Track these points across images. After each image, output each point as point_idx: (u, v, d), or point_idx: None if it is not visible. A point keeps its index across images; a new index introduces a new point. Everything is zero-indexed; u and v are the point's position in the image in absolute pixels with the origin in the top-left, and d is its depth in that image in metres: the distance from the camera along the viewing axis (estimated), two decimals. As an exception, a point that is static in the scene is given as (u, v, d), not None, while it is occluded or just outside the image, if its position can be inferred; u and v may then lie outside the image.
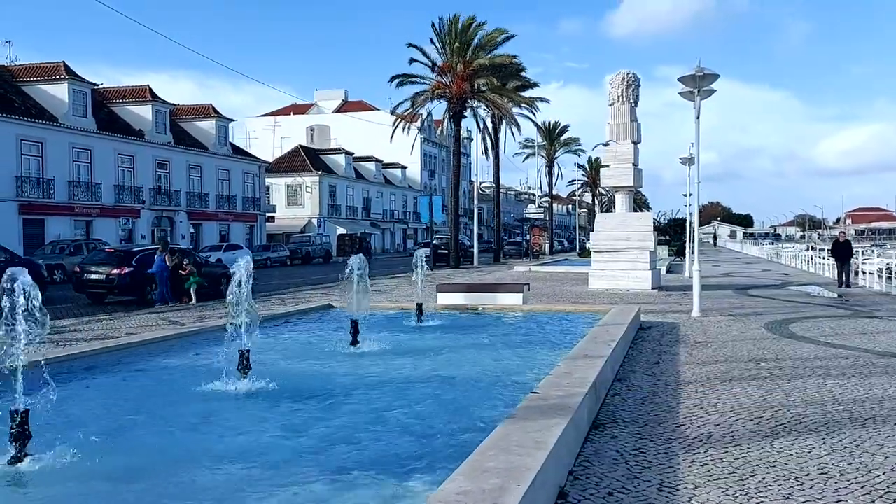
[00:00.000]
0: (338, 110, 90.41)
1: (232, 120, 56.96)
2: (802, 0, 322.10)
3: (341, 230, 68.00)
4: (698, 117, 15.46)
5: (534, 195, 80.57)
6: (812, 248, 38.78)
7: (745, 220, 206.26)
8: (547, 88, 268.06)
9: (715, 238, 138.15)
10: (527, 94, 50.57)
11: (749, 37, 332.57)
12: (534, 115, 54.44)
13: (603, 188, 65.58)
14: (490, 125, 50.76)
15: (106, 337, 12.69)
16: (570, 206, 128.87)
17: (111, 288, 20.04)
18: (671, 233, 62.29)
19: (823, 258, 31.35)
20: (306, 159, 70.82)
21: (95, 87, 44.85)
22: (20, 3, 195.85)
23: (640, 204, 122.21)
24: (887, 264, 24.13)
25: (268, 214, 62.00)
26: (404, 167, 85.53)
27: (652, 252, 22.84)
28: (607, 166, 23.32)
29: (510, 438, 4.97)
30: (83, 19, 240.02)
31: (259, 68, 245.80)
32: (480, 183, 60.51)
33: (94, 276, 20.19)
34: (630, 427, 6.79)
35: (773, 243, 76.58)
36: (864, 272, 25.06)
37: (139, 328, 14.34)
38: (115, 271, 19.88)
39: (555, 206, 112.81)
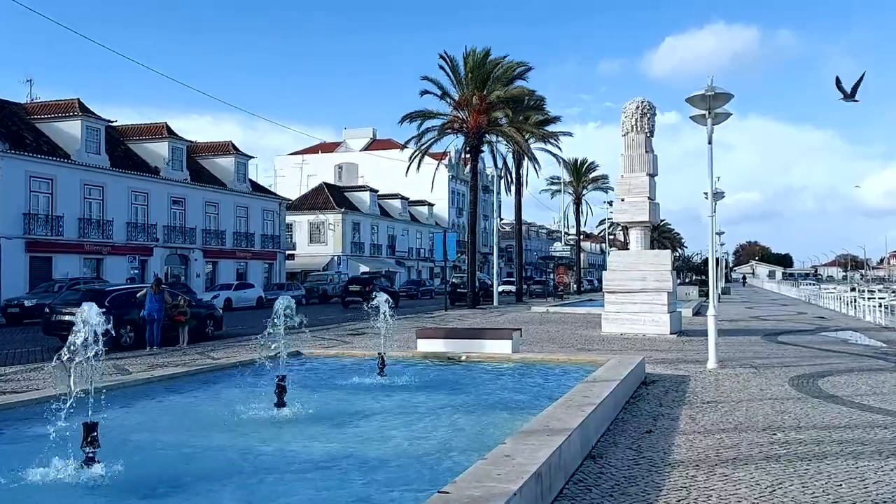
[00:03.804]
0: (366, 149, 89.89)
1: (251, 157, 56.31)
2: (847, 38, 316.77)
3: (364, 268, 66.70)
4: (710, 142, 13.68)
5: (564, 233, 78.58)
6: (855, 290, 36.21)
7: (785, 260, 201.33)
8: (584, 128, 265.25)
9: (744, 278, 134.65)
10: (549, 128, 48.99)
11: (792, 76, 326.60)
12: (559, 149, 52.79)
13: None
14: (511, 161, 49.27)
15: (27, 389, 11.23)
16: (602, 245, 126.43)
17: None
18: (707, 272, 59.98)
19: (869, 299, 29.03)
20: (329, 197, 70.00)
21: (111, 124, 44.52)
22: (76, 52, 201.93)
23: (673, 242, 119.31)
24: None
25: (288, 252, 60.98)
26: (431, 205, 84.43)
27: (671, 293, 20.88)
28: (621, 200, 21.54)
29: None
30: (135, 67, 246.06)
31: (297, 106, 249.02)
32: (500, 220, 58.93)
33: (64, 318, 18.79)
34: (580, 537, 5.01)
35: (813, 284, 73.28)
36: None
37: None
38: (84, 312, 18.44)
39: (586, 244, 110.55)
